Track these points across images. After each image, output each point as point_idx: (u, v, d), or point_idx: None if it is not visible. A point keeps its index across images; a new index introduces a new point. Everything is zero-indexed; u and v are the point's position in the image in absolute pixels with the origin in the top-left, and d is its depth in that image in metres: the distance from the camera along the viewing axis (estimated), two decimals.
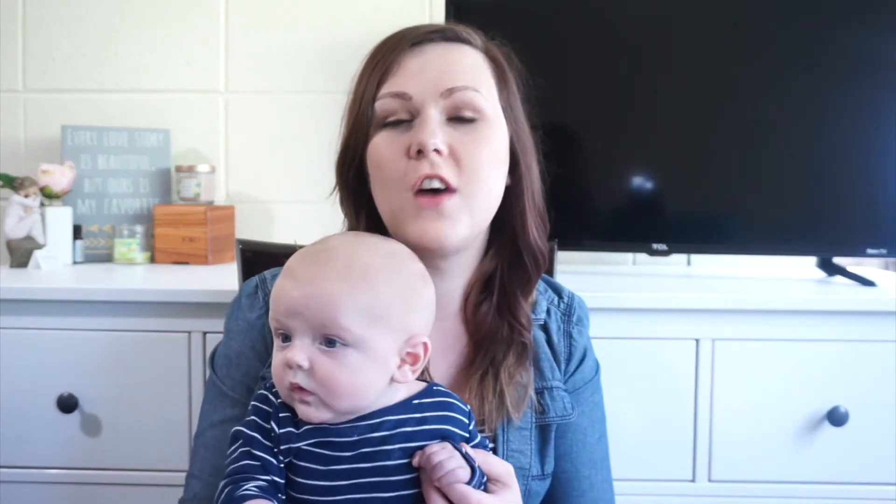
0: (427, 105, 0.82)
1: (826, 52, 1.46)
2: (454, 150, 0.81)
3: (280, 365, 0.72)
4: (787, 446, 1.29)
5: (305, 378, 0.71)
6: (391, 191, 0.83)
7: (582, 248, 1.64)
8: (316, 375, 0.71)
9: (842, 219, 1.48)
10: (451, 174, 0.81)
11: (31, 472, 1.32)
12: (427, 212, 0.80)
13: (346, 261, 0.74)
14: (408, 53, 0.84)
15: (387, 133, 0.83)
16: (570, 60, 1.53)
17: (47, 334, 1.31)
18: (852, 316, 1.29)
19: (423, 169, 0.80)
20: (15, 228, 1.59)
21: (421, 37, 0.85)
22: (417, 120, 0.82)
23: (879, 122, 1.44)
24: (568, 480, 0.92)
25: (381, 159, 0.83)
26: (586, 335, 0.97)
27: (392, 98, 0.83)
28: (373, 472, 0.71)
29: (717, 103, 1.50)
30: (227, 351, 0.92)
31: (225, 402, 0.90)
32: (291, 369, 0.71)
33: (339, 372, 0.71)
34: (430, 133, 0.80)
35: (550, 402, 0.89)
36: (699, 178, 1.53)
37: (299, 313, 0.71)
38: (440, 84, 0.82)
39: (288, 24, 1.80)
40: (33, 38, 1.82)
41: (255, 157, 1.82)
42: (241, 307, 0.92)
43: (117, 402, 1.31)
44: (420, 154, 0.80)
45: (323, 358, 0.71)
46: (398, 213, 0.83)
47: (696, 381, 1.29)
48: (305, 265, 0.74)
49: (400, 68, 0.83)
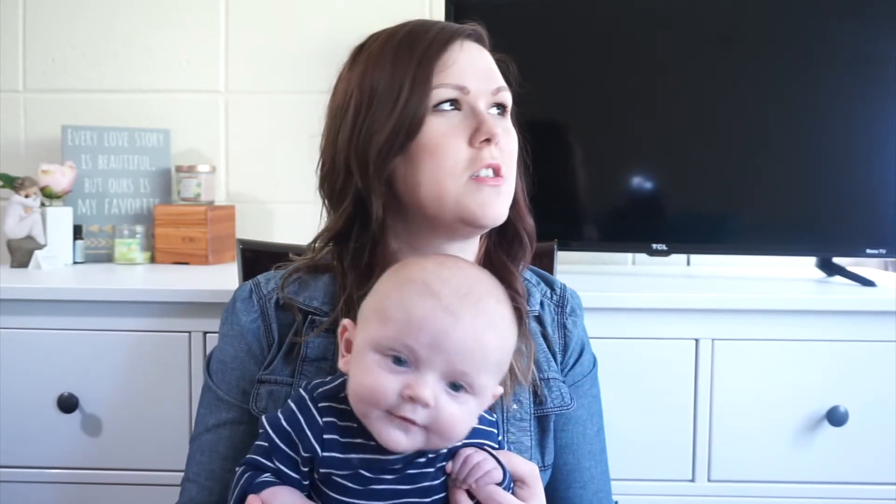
0: (480, 99, 0.86)
1: (826, 52, 1.46)
2: (500, 143, 0.87)
3: (393, 392, 0.68)
4: (787, 446, 1.29)
5: (425, 415, 0.68)
6: (446, 174, 0.84)
7: (582, 248, 1.64)
8: (440, 417, 0.68)
9: (841, 219, 1.48)
10: (503, 164, 0.86)
11: (31, 472, 1.32)
12: (489, 189, 0.85)
13: (495, 307, 0.73)
14: (456, 47, 0.87)
15: (442, 119, 0.85)
16: (569, 60, 1.53)
17: (47, 334, 1.31)
18: (852, 316, 1.29)
19: (487, 157, 0.85)
20: (15, 228, 1.59)
21: (463, 34, 0.89)
22: (469, 112, 0.86)
23: (879, 123, 1.44)
24: (570, 472, 0.93)
25: (439, 144, 0.85)
26: (581, 326, 0.98)
27: (452, 89, 0.85)
28: (413, 494, 0.71)
29: (717, 103, 1.50)
30: (222, 356, 0.92)
31: (220, 406, 0.90)
32: (413, 403, 0.68)
33: (462, 418, 0.70)
34: (495, 125, 0.85)
35: (548, 393, 0.90)
36: (699, 178, 1.53)
37: (443, 350, 0.68)
38: (491, 82, 0.88)
39: (288, 24, 1.80)
40: (33, 38, 1.82)
41: (255, 157, 1.82)
42: (235, 311, 0.92)
43: (117, 402, 1.31)
44: (486, 143, 0.85)
45: (448, 400, 0.69)
46: (450, 195, 0.84)
47: (696, 381, 1.30)
48: (458, 299, 0.70)
49: (452, 61, 0.86)
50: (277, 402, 0.85)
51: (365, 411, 0.69)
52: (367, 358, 0.70)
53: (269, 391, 0.87)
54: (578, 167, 1.56)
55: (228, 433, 0.89)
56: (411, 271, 0.74)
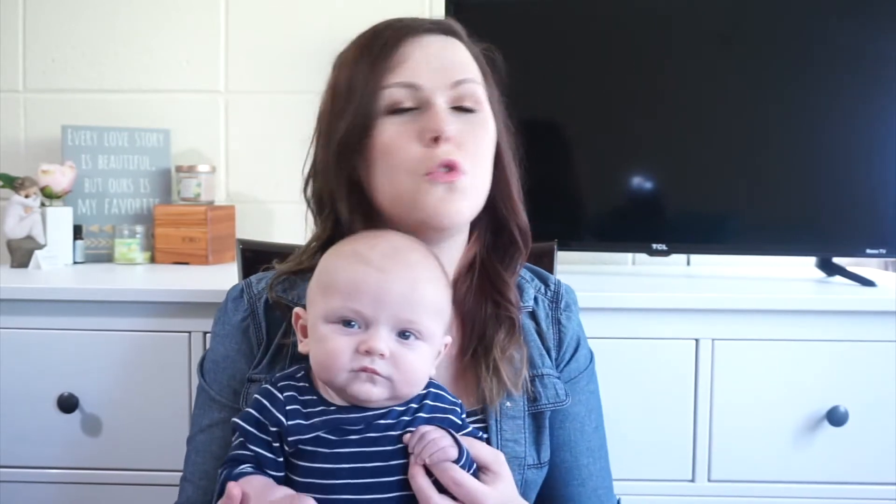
0: (436, 95, 0.84)
1: (826, 52, 1.46)
2: (459, 139, 0.84)
3: (350, 350, 0.74)
4: (787, 446, 1.29)
5: (385, 366, 0.74)
6: (400, 176, 0.84)
7: (582, 248, 1.64)
8: (399, 365, 0.74)
9: (841, 219, 1.48)
10: (463, 159, 0.84)
11: (31, 472, 1.32)
12: (441, 186, 0.83)
13: (424, 260, 0.79)
14: (410, 44, 0.86)
15: (394, 119, 0.85)
16: (569, 60, 1.53)
17: (47, 334, 1.31)
18: (852, 316, 1.29)
19: (440, 156, 0.83)
20: (15, 228, 1.58)
21: (419, 28, 0.87)
22: (425, 109, 0.84)
23: (879, 123, 1.44)
24: (568, 470, 0.93)
25: (390, 146, 0.85)
26: (576, 321, 0.97)
27: (402, 88, 0.85)
28: (375, 457, 0.74)
29: (717, 103, 1.50)
30: (213, 356, 0.92)
31: (213, 406, 0.91)
32: (369, 356, 0.73)
33: (419, 361, 0.76)
34: (446, 121, 0.83)
35: (542, 390, 0.90)
36: (699, 178, 1.53)
37: (385, 304, 0.74)
38: (448, 76, 0.85)
39: (288, 24, 1.80)
40: (33, 38, 1.82)
41: (255, 157, 1.82)
42: (226, 311, 0.93)
43: (117, 402, 1.31)
44: (436, 141, 0.83)
45: (402, 349, 0.75)
46: (406, 196, 0.84)
47: (696, 381, 1.29)
48: (387, 258, 0.77)
49: (405, 59, 0.85)
50: None
51: (331, 377, 0.75)
52: (321, 330, 0.76)
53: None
54: (578, 167, 1.56)
55: (221, 433, 0.89)
56: (343, 246, 0.81)
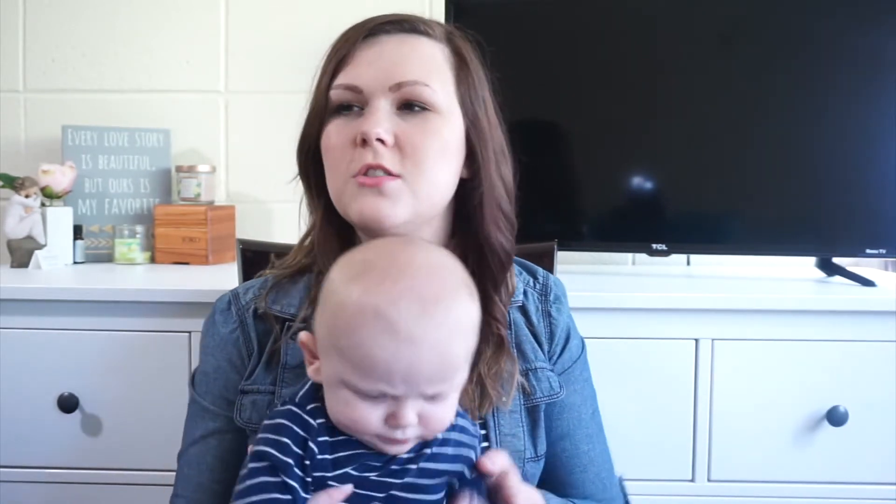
0: (376, 97, 0.84)
1: (826, 52, 1.46)
2: (400, 140, 0.83)
3: (378, 420, 0.68)
4: (787, 446, 1.29)
5: (414, 429, 0.69)
6: (337, 176, 0.86)
7: (582, 248, 1.64)
8: (428, 423, 0.69)
9: (841, 219, 1.48)
10: (394, 163, 0.82)
11: (31, 472, 1.32)
12: (367, 190, 0.82)
13: (452, 307, 0.68)
14: (362, 44, 0.86)
15: (338, 121, 0.86)
16: (569, 60, 1.53)
17: (47, 334, 1.31)
18: (852, 316, 1.29)
19: (365, 158, 0.82)
20: (15, 228, 1.59)
21: (376, 28, 0.87)
22: (366, 110, 0.84)
23: (879, 122, 1.44)
24: (569, 458, 0.93)
25: (330, 146, 0.86)
26: (566, 313, 0.97)
27: (344, 90, 0.85)
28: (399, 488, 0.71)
29: (716, 103, 1.50)
30: (204, 368, 0.92)
31: (206, 416, 0.90)
32: (401, 428, 0.68)
33: (447, 414, 0.71)
34: (375, 123, 0.82)
35: (536, 384, 0.90)
36: (699, 178, 1.53)
37: (416, 381, 0.66)
38: (390, 78, 0.84)
39: (288, 24, 1.80)
40: (33, 38, 1.82)
41: (255, 157, 1.82)
42: (214, 323, 0.93)
43: (117, 402, 1.31)
44: (364, 143, 0.82)
45: (431, 408, 0.69)
46: (342, 197, 0.85)
47: (696, 381, 1.30)
48: (415, 321, 0.65)
49: (354, 59, 0.86)
50: (261, 411, 0.85)
51: (356, 435, 0.70)
52: (342, 393, 0.68)
53: (252, 401, 0.87)
54: (578, 167, 1.56)
55: (216, 443, 0.89)
56: (357, 297, 0.66)
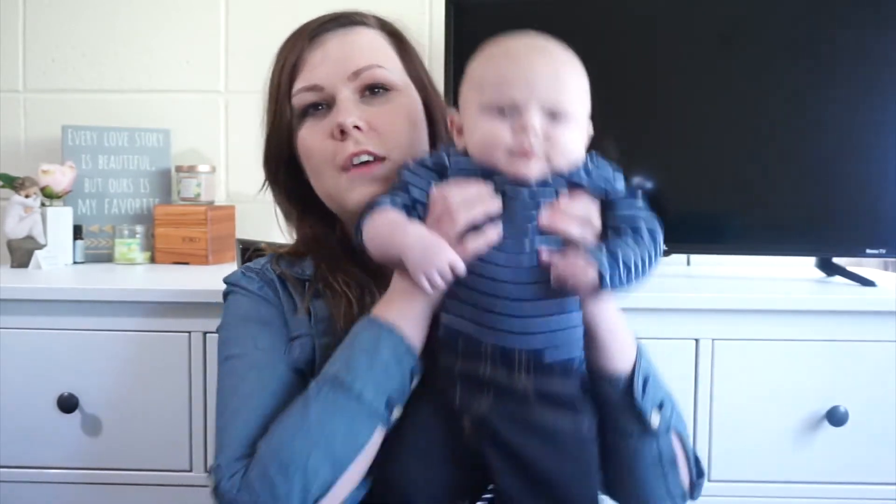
0: (338, 89, 0.88)
1: (826, 52, 1.46)
2: (373, 124, 0.87)
3: (507, 130, 0.77)
4: (787, 446, 1.29)
5: (539, 143, 0.77)
6: (325, 174, 0.89)
7: None
8: (553, 142, 0.78)
9: (841, 219, 1.48)
10: (376, 145, 0.86)
11: (31, 472, 1.32)
12: (360, 180, 0.86)
13: (564, 53, 0.82)
14: (309, 47, 0.90)
15: (309, 123, 0.89)
16: None
17: (47, 334, 1.31)
18: (852, 316, 1.29)
19: (349, 147, 0.86)
20: (15, 228, 1.59)
21: (318, 29, 0.91)
22: (333, 105, 0.88)
23: (879, 122, 1.44)
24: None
25: (309, 148, 0.89)
26: None
27: (306, 92, 0.89)
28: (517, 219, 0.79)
29: (717, 103, 1.50)
30: (247, 314, 0.90)
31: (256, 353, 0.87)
32: (525, 133, 0.76)
33: (570, 136, 0.79)
34: (347, 112, 0.86)
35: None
36: (699, 178, 1.53)
37: (534, 88, 0.77)
38: (346, 68, 0.88)
39: (288, 25, 1.79)
40: (33, 38, 1.82)
41: (255, 157, 1.80)
42: (240, 286, 0.94)
43: (117, 402, 1.31)
44: (343, 134, 0.86)
45: (554, 128, 0.78)
46: (335, 194, 0.88)
47: (696, 381, 1.29)
48: (531, 49, 0.81)
49: (306, 63, 0.89)
50: (306, 351, 0.87)
51: (491, 158, 0.78)
52: (478, 119, 0.79)
53: (300, 344, 0.88)
54: None
55: (270, 364, 0.87)
56: (493, 48, 0.82)
